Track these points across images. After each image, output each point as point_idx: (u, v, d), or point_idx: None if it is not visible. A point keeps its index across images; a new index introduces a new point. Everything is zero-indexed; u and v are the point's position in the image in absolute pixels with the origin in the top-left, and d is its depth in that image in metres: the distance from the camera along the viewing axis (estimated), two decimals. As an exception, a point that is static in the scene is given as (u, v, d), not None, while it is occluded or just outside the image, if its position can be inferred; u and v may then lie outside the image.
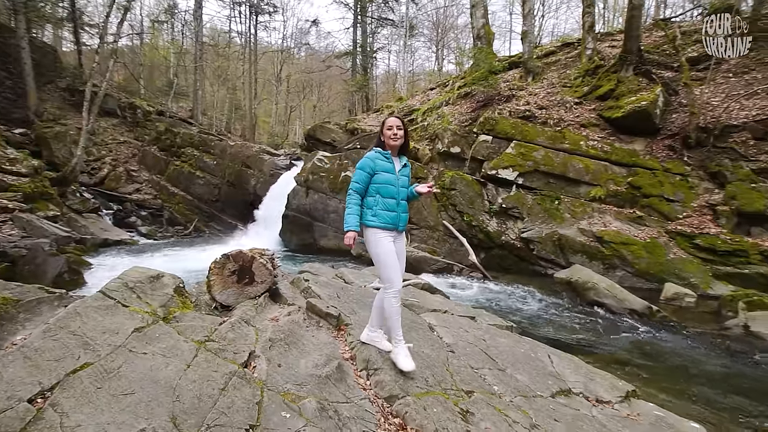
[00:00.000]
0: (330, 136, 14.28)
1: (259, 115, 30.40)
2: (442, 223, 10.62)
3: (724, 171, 8.84)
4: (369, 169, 2.64)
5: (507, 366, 3.37)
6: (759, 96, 9.51)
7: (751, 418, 3.39)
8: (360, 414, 2.21)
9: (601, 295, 6.57)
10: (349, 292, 4.39)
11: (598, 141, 10.20)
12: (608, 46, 13.07)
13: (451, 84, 15.07)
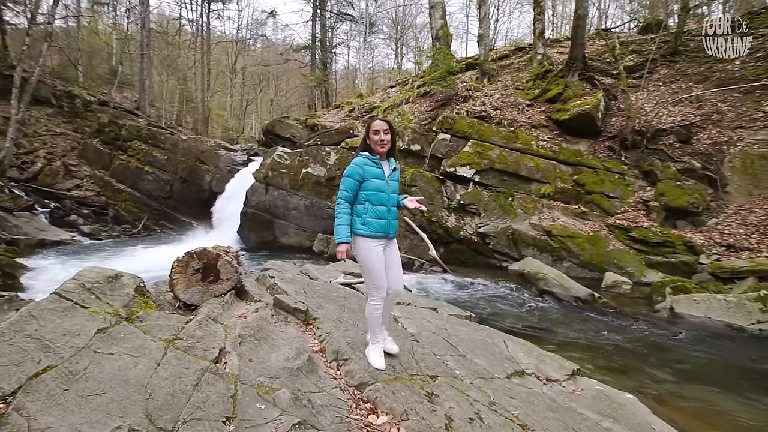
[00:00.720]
0: (289, 132, 14.04)
1: (213, 108, 29.08)
2: (403, 220, 10.86)
3: (655, 170, 9.82)
4: (358, 177, 2.51)
5: (467, 352, 3.61)
6: (683, 104, 10.64)
7: (673, 384, 3.89)
8: (332, 402, 2.32)
9: (550, 285, 7.10)
10: (315, 287, 4.45)
11: (548, 141, 10.91)
12: (557, 52, 13.96)
13: (411, 83, 15.36)
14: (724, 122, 9.99)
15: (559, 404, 2.87)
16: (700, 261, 7.91)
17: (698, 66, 11.61)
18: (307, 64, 24.27)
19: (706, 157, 9.56)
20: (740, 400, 3.63)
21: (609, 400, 3.20)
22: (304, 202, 11.40)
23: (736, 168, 9.27)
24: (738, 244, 7.96)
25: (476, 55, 14.98)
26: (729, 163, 9.37)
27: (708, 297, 6.01)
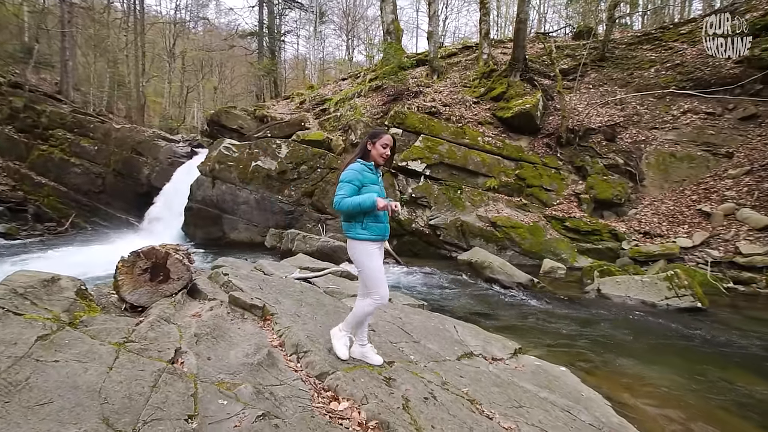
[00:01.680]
0: (237, 123, 13.47)
1: (149, 95, 26.92)
2: (358, 213, 10.96)
3: (585, 166, 10.81)
4: (358, 182, 2.52)
5: (421, 338, 3.83)
6: (609, 105, 11.76)
7: (598, 356, 4.42)
8: (294, 393, 2.39)
9: (495, 272, 7.61)
10: (271, 283, 4.43)
11: (493, 137, 11.54)
12: (501, 53, 14.70)
13: (363, 76, 15.37)
14: (642, 123, 11.23)
15: (503, 380, 3.18)
16: (622, 247, 8.90)
17: (621, 72, 12.88)
18: (254, 52, 23.27)
19: (628, 155, 10.69)
20: (651, 366, 4.22)
21: (546, 373, 3.58)
22: (254, 197, 11.07)
23: (651, 164, 10.48)
24: (652, 231, 9.07)
25: (426, 51, 15.33)
26: (646, 159, 10.57)
27: (628, 278, 6.82)
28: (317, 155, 11.45)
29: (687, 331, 5.23)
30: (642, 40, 13.92)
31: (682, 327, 5.38)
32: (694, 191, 9.58)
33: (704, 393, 3.67)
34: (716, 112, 10.65)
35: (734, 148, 9.87)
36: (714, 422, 3.20)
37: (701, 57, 11.75)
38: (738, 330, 5.32)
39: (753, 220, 8.12)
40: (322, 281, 5.01)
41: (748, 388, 3.77)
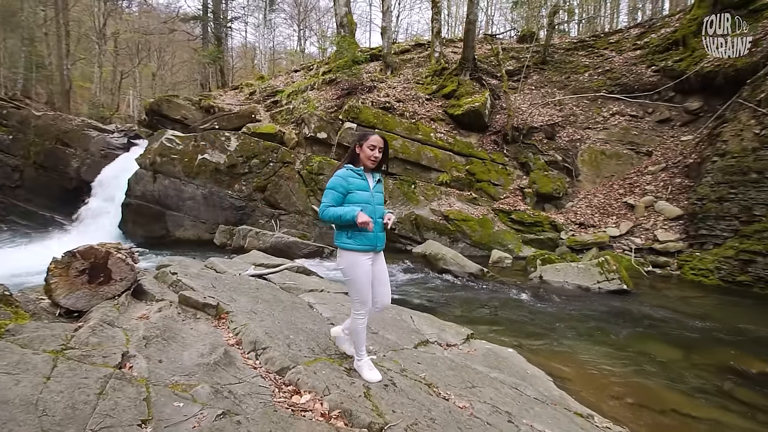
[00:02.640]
0: (180, 113, 12.64)
1: (75, 79, 24.35)
2: (312, 208, 10.82)
3: (528, 162, 11.52)
4: (342, 189, 2.39)
5: (379, 329, 3.92)
6: (549, 106, 12.61)
7: (541, 337, 4.80)
8: (254, 390, 2.36)
9: (448, 264, 7.92)
10: (224, 281, 4.28)
11: (444, 134, 11.91)
12: (451, 51, 15.14)
13: (316, 68, 15.10)
14: (578, 123, 12.18)
15: (457, 363, 3.36)
16: (561, 237, 9.66)
17: (560, 75, 13.84)
18: (198, 38, 21.87)
19: (565, 152, 11.56)
20: (586, 344, 4.67)
21: (495, 355, 3.84)
22: (201, 192, 10.51)
23: (585, 161, 11.43)
24: (586, 222, 9.92)
25: (380, 46, 15.39)
26: (580, 157, 11.50)
27: (566, 265, 7.43)
28: (269, 149, 11.10)
29: (615, 311, 5.84)
30: (578, 46, 15.05)
31: (611, 307, 5.99)
32: (621, 185, 10.61)
33: (629, 363, 4.14)
34: (638, 114, 11.83)
35: (653, 148, 11.05)
36: (638, 388, 3.63)
37: (626, 65, 12.97)
38: (656, 308, 6.03)
39: (668, 211, 9.18)
40: (278, 277, 4.93)
41: (665, 357, 4.31)
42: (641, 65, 12.58)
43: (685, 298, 6.55)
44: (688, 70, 10.95)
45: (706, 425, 3.07)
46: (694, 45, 11.55)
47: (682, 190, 9.40)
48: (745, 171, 7.65)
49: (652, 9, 22.95)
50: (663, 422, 3.11)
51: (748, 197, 7.47)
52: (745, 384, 3.72)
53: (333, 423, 2.06)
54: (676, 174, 9.91)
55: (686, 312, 5.83)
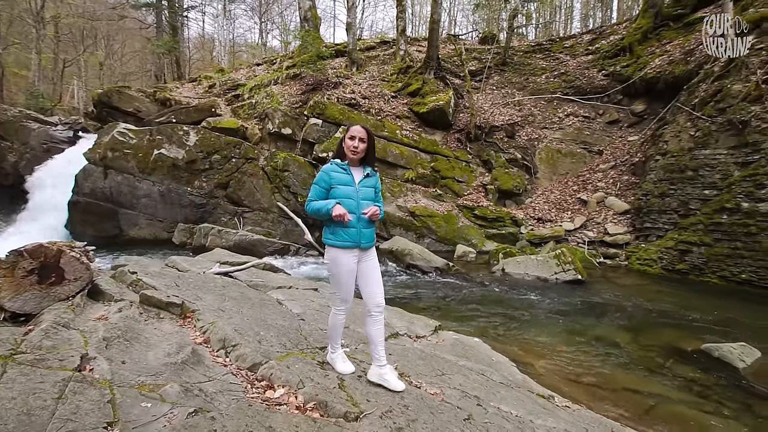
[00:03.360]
0: (133, 105, 11.91)
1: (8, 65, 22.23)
2: (277, 205, 10.61)
3: (490, 159, 11.94)
4: (324, 184, 2.38)
5: (349, 324, 3.94)
6: (509, 106, 13.11)
7: (504, 326, 5.03)
8: (226, 387, 2.32)
9: (415, 259, 8.07)
10: (188, 279, 4.13)
11: (410, 131, 12.06)
12: (416, 50, 15.33)
13: (279, 63, 14.75)
14: (536, 123, 12.77)
15: (427, 353, 3.46)
16: (521, 231, 10.11)
17: (519, 77, 14.43)
18: (152, 26, 20.64)
19: (524, 150, 12.09)
20: (545, 331, 4.95)
21: (462, 345, 3.98)
22: (158, 188, 9.98)
23: (542, 159, 12.01)
24: (544, 217, 10.45)
25: (345, 42, 15.29)
26: (538, 155, 12.08)
27: (526, 258, 7.81)
28: (231, 144, 10.74)
29: (571, 300, 6.23)
30: (535, 49, 15.75)
31: (567, 296, 6.38)
32: (575, 182, 11.26)
33: (585, 347, 4.45)
34: (590, 116, 12.60)
35: (603, 147, 11.82)
36: (592, 369, 3.91)
37: (580, 68, 13.75)
38: (607, 296, 6.49)
39: (616, 206, 9.88)
40: (245, 275, 4.81)
41: (616, 340, 4.67)
42: (593, 69, 13.38)
43: (633, 286, 7.10)
44: (634, 75, 11.80)
45: (652, 399, 3.37)
46: (639, 52, 12.46)
47: (629, 187, 10.14)
48: (682, 169, 8.39)
49: (602, 17, 24.45)
50: (614, 399, 3.37)
51: (685, 193, 8.20)
52: (684, 361, 4.12)
53: (309, 414, 2.07)
54: (624, 172, 10.67)
55: (634, 298, 6.32)
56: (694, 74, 9.77)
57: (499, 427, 2.23)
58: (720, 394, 3.47)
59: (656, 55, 11.78)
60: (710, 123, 8.17)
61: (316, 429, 1.88)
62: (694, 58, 10.40)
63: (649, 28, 12.64)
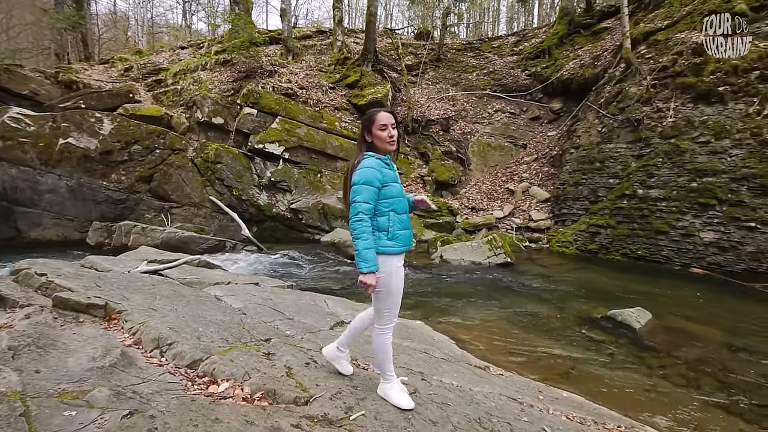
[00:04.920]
0: (28, 87, 10.32)
1: None
2: (209, 199, 9.99)
3: (427, 152, 12.38)
4: (379, 183, 1.99)
5: (294, 315, 3.91)
6: (443, 101, 13.67)
7: (444, 308, 5.32)
8: (164, 387, 2.19)
9: (357, 250, 8.14)
10: (111, 279, 3.77)
11: (349, 123, 12.04)
12: (354, 42, 15.26)
13: (207, 47, 13.76)
14: (468, 118, 13.48)
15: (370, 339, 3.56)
16: (457, 220, 10.67)
17: (453, 73, 15.08)
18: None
19: (458, 143, 12.72)
20: (480, 310, 5.33)
21: (406, 327, 4.15)
22: (66, 183, 8.83)
23: (475, 152, 12.75)
24: (477, 206, 11.14)
25: (279, 29, 14.71)
26: (471, 148, 12.79)
27: (462, 245, 8.28)
28: (155, 133, 9.83)
29: (502, 281, 6.76)
30: (467, 48, 16.55)
31: (498, 278, 6.91)
32: (504, 174, 12.14)
33: (515, 322, 4.88)
34: (516, 112, 13.62)
35: (527, 141, 12.87)
36: (521, 341, 4.31)
37: (506, 68, 14.76)
38: (532, 275, 7.15)
39: (539, 195, 10.86)
40: (177, 273, 4.51)
41: (540, 314, 5.18)
42: (517, 69, 14.44)
43: (553, 266, 7.90)
44: (552, 76, 12.96)
45: (571, 361, 3.83)
46: (556, 55, 13.70)
47: (549, 177, 11.19)
48: (591, 161, 9.46)
49: (524, 21, 26.36)
50: (540, 364, 3.77)
51: (594, 182, 9.27)
52: (595, 326, 4.72)
53: (257, 404, 2.04)
54: (545, 164, 11.74)
55: (554, 277, 7.05)
56: (600, 77, 11.02)
57: (443, 396, 2.39)
58: (622, 351, 4.05)
59: (570, 59, 13.05)
60: (613, 120, 9.30)
61: (266, 416, 1.86)
62: (600, 63, 11.72)
63: (564, 34, 13.94)
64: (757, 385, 3.51)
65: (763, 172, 7.13)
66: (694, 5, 9.57)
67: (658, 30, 10.00)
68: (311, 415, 1.94)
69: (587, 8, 14.28)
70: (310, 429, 1.80)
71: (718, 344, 4.26)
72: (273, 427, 1.76)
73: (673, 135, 8.14)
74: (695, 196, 7.56)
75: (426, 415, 2.13)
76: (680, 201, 7.70)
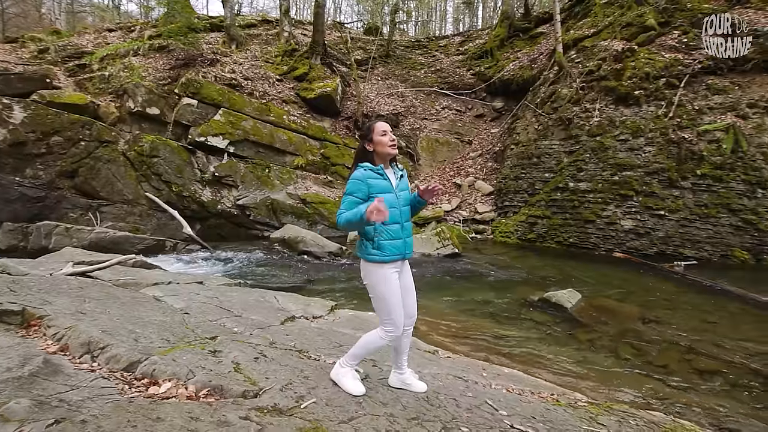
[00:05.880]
0: None
1: None
2: (145, 196, 9.29)
3: (378, 147, 12.47)
4: (362, 194, 2.04)
5: (242, 312, 3.79)
6: (393, 97, 13.83)
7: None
8: (96, 393, 2.03)
9: (308, 245, 8.04)
10: (28, 283, 3.40)
11: (298, 117, 11.78)
12: (301, 33, 14.90)
13: (140, 31, 12.69)
14: (417, 114, 13.77)
15: (325, 330, 3.57)
16: (407, 214, 10.90)
17: (401, 69, 15.29)
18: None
19: (408, 139, 12.97)
20: (432, 298, 5.52)
21: (359, 319, 4.20)
22: (-34, 178, 7.73)
23: (423, 147, 13.07)
24: (426, 201, 11.45)
25: (221, 16, 13.94)
26: (420, 144, 13.09)
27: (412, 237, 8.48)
28: (79, 124, 8.91)
29: (450, 270, 7.05)
30: (415, 45, 16.85)
31: (447, 268, 7.19)
32: (451, 168, 12.59)
33: (463, 308, 5.12)
34: (462, 110, 14.16)
35: (472, 137, 13.44)
36: (469, 325, 4.54)
37: (452, 66, 15.26)
38: (478, 264, 7.53)
39: (483, 189, 11.41)
40: (110, 274, 4.17)
41: (486, 299, 5.48)
42: (463, 68, 14.99)
43: (497, 255, 8.37)
44: (494, 76, 13.63)
45: (512, 341, 4.11)
46: (498, 56, 14.41)
47: (493, 172, 11.80)
48: (529, 156, 10.13)
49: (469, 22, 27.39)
50: (485, 345, 4.01)
51: (532, 176, 9.94)
52: (533, 308, 5.10)
53: (203, 401, 1.97)
54: (489, 159, 12.35)
55: (498, 265, 7.48)
56: (537, 79, 11.79)
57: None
58: (557, 330, 4.43)
59: (510, 60, 13.81)
60: (548, 119, 10.02)
61: (213, 411, 1.81)
62: (537, 65, 12.54)
63: (504, 37, 14.70)
64: (664, 349, 4.02)
65: (669, 166, 8.10)
66: (614, 17, 10.57)
67: (585, 37, 10.92)
68: (261, 407, 1.92)
69: (525, 13, 15.18)
70: (259, 419, 1.78)
71: (634, 318, 4.81)
72: (220, 421, 1.72)
73: (598, 133, 8.95)
74: (617, 188, 8.41)
75: (377, 398, 2.19)
76: (605, 193, 8.51)
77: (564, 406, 2.45)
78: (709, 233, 7.76)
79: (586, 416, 2.30)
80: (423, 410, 2.13)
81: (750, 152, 7.84)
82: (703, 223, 7.82)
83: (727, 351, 4.00)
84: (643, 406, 2.91)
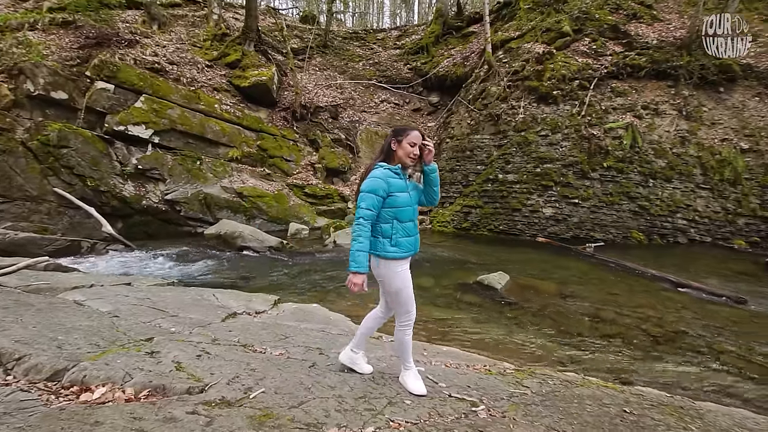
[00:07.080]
0: None
1: None
2: (53, 192, 8.26)
3: (317, 139, 12.32)
4: (383, 192, 2.12)
5: (179, 312, 3.63)
6: (332, 88, 13.71)
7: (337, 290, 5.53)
8: (15, 407, 1.87)
9: (246, 241, 7.77)
10: None
11: (231, 106, 11.19)
12: (232, 17, 14.07)
13: (35, 1, 11.06)
14: (356, 106, 13.81)
15: (269, 324, 3.55)
16: (348, 206, 10.97)
17: (340, 60, 15.17)
18: None
19: (348, 131, 12.98)
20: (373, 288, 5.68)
21: (302, 311, 4.23)
22: None
23: (363, 140, 13.18)
24: (368, 193, 11.61)
25: (138, -8, 12.62)
26: (359, 136, 13.17)
27: (354, 230, 8.58)
28: (-40, 108, 7.60)
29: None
30: (353, 37, 16.77)
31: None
32: (391, 161, 12.87)
33: (402, 296, 5.36)
34: (400, 103, 14.47)
35: (411, 131, 13.83)
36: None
37: (390, 60, 15.48)
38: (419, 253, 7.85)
39: (422, 181, 11.85)
40: (16, 279, 3.72)
41: (426, 285, 5.78)
42: (400, 62, 15.29)
43: (435, 243, 8.81)
44: (430, 71, 14.11)
45: (450, 321, 4.43)
46: (433, 52, 14.91)
47: (430, 165, 12.29)
48: (463, 149, 10.73)
49: (406, 17, 27.83)
50: (426, 328, 4.27)
51: (466, 168, 10.55)
52: (468, 291, 5.51)
53: (145, 401, 1.91)
54: (426, 152, 12.82)
55: (436, 253, 7.89)
56: (469, 76, 12.46)
57: (340, 365, 2.57)
58: (489, 309, 4.86)
59: (445, 57, 14.38)
60: (479, 115, 10.68)
61: (157, 409, 1.77)
62: (469, 63, 13.23)
63: (439, 34, 15.25)
64: (577, 319, 4.63)
65: (581, 159, 9.14)
66: (536, 22, 11.51)
67: (511, 39, 11.75)
68: (208, 401, 1.91)
69: (458, 12, 15.85)
70: (207, 413, 1.78)
71: (554, 294, 5.43)
72: (166, 418, 1.69)
73: (523, 129, 9.77)
74: (539, 180, 9.28)
75: (325, 383, 2.29)
76: (529, 183, 9.35)
77: (495, 374, 2.75)
78: (614, 218, 8.94)
79: (513, 381, 2.62)
80: (369, 389, 2.27)
81: (644, 148, 9.12)
82: (609, 210, 8.97)
83: (625, 317, 4.72)
84: (560, 368, 3.35)
